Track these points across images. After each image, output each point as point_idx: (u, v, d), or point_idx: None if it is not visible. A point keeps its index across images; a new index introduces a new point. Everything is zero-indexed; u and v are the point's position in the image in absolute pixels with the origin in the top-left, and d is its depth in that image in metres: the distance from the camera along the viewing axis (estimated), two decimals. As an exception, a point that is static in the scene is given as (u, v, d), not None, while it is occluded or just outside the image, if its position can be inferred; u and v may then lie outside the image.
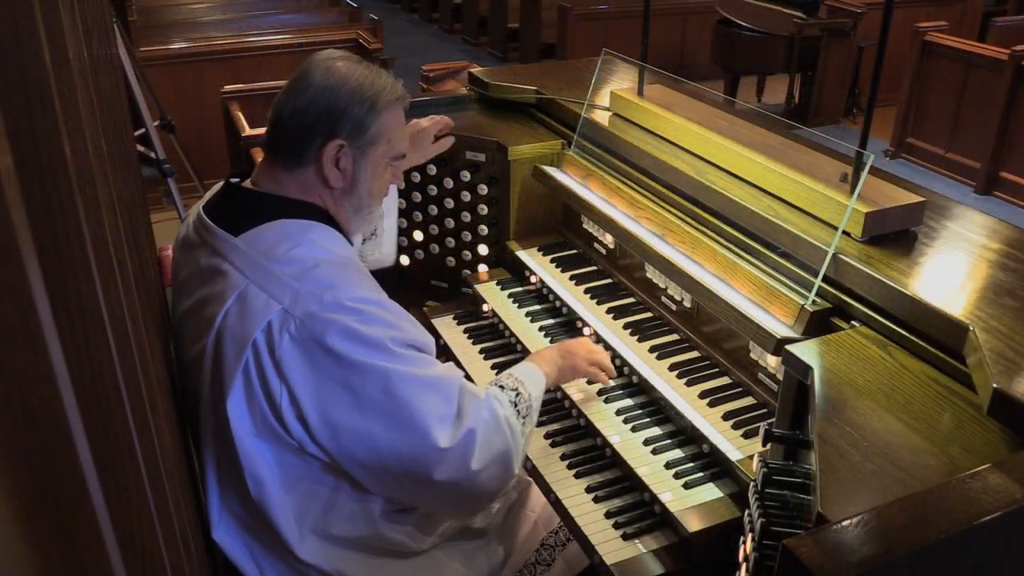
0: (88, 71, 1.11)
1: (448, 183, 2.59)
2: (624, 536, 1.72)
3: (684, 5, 8.31)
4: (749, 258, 1.92)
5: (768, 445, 1.49)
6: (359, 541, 1.67)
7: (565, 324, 2.32)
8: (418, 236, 2.71)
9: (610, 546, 1.70)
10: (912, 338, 1.56)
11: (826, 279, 1.74)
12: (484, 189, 2.55)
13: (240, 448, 1.52)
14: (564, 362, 1.96)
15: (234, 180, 1.72)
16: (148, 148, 4.04)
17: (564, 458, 1.93)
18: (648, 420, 1.96)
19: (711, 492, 1.75)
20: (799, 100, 7.41)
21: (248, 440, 1.53)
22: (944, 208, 1.95)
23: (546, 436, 2.00)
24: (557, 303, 2.35)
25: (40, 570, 0.44)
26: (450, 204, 2.61)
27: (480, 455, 1.60)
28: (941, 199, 1.99)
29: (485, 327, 2.43)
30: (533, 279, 2.46)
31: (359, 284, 1.56)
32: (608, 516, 1.77)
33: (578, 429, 2.02)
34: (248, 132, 4.05)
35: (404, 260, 2.76)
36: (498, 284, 2.51)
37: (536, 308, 2.39)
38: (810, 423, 1.38)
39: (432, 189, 2.63)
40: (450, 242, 2.66)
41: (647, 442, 1.88)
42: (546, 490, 1.87)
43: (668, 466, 1.81)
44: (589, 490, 1.84)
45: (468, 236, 2.63)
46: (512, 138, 2.53)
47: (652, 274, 2.24)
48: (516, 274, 2.55)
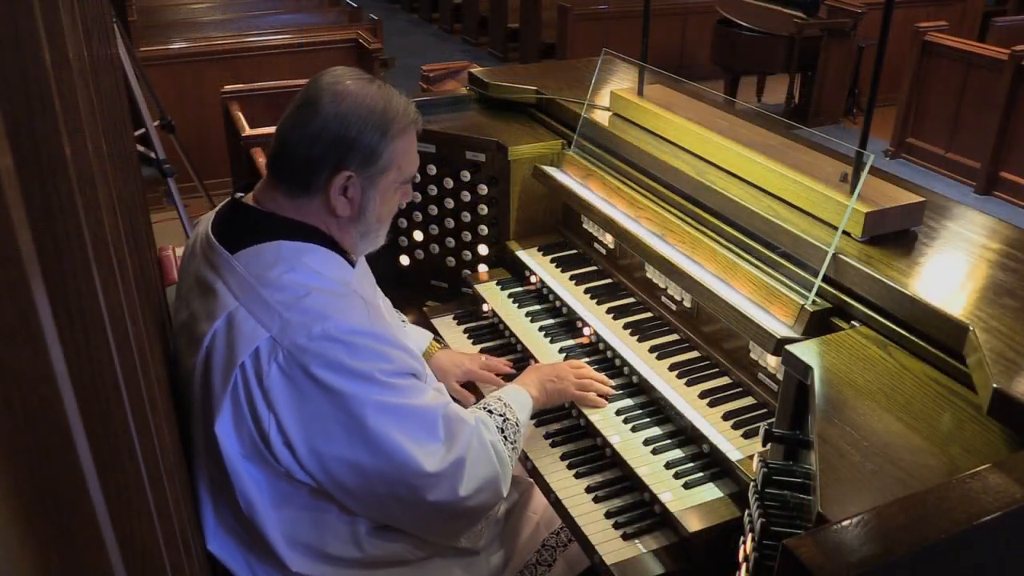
0: (88, 71, 1.11)
1: (448, 183, 2.59)
2: (624, 536, 1.72)
3: (684, 5, 8.31)
4: (749, 258, 1.92)
5: (768, 445, 1.49)
6: (352, 559, 1.67)
7: (565, 324, 2.32)
8: (418, 236, 2.71)
9: (610, 546, 1.70)
10: (912, 338, 1.56)
11: (826, 279, 1.74)
12: (484, 189, 2.55)
13: (230, 469, 1.52)
14: (552, 386, 1.95)
15: (239, 195, 1.68)
16: (148, 148, 4.03)
17: (564, 458, 1.93)
18: (648, 420, 1.96)
19: (711, 492, 1.75)
20: (799, 100, 7.41)
21: (238, 461, 1.52)
22: (944, 208, 1.95)
23: (546, 436, 2.00)
24: (557, 303, 2.35)
25: (40, 570, 0.44)
26: (450, 204, 2.61)
27: (468, 482, 1.60)
28: (941, 199, 1.99)
29: (485, 327, 2.43)
30: (533, 279, 2.46)
31: (350, 313, 1.51)
32: (608, 516, 1.77)
33: (578, 429, 2.02)
34: (248, 132, 4.05)
35: (404, 260, 2.76)
36: (498, 284, 2.51)
37: (536, 308, 2.39)
38: (810, 423, 1.38)
39: (432, 189, 2.62)
40: (450, 242, 2.65)
41: (647, 442, 1.88)
42: (546, 490, 1.87)
43: (668, 466, 1.81)
44: (589, 490, 1.84)
45: (468, 236, 2.63)
46: (512, 138, 2.53)
47: (652, 274, 2.24)
48: (516, 274, 2.55)
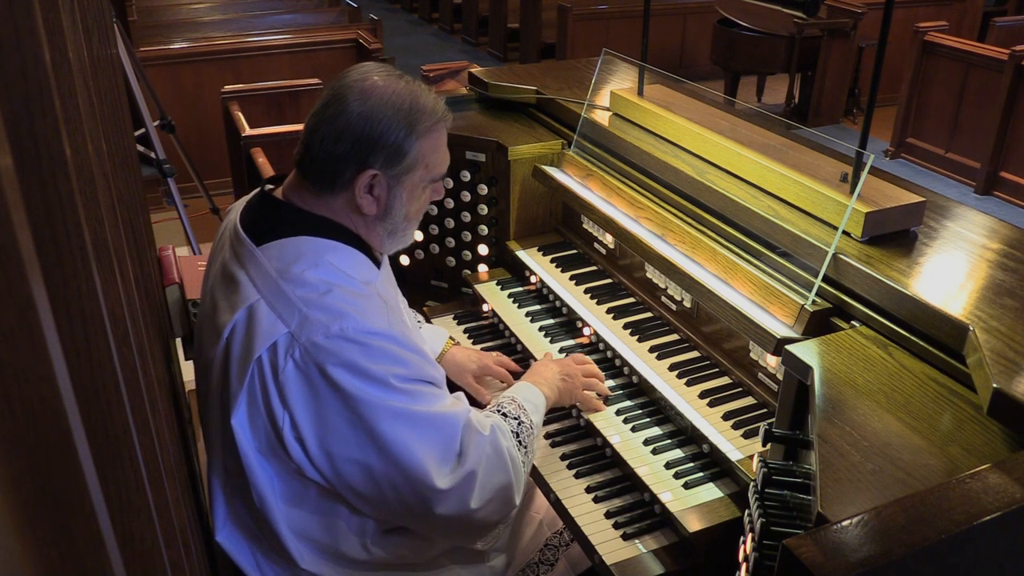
0: (88, 71, 1.11)
1: (448, 183, 2.59)
2: (624, 536, 1.72)
3: (684, 5, 8.31)
4: (749, 258, 1.92)
5: (768, 445, 1.49)
6: (358, 560, 1.67)
7: (565, 324, 2.32)
8: (418, 236, 2.70)
9: (610, 546, 1.70)
10: (912, 338, 1.56)
11: (826, 279, 1.74)
12: (484, 189, 2.55)
13: (245, 462, 1.52)
14: (564, 385, 1.94)
15: (268, 187, 1.68)
16: (148, 148, 4.04)
17: (564, 458, 1.93)
18: (648, 420, 1.96)
19: (711, 492, 1.74)
20: (799, 100, 7.41)
21: (252, 456, 1.52)
22: (944, 208, 1.95)
23: (546, 436, 2.00)
24: (557, 303, 2.35)
25: (40, 570, 0.44)
26: (450, 204, 2.61)
27: (480, 494, 1.58)
28: (941, 199, 1.99)
29: (485, 327, 2.43)
30: (533, 279, 2.46)
31: (370, 314, 1.49)
32: (608, 516, 1.77)
33: (578, 429, 2.02)
34: (248, 132, 4.05)
35: (404, 260, 2.76)
36: (498, 284, 2.51)
37: (536, 308, 2.39)
38: (810, 423, 1.38)
39: (432, 189, 2.62)
40: (450, 242, 2.66)
41: (647, 442, 1.88)
42: (546, 490, 1.87)
43: (668, 466, 1.81)
44: (589, 490, 1.84)
45: (468, 236, 2.63)
46: (512, 138, 2.53)
47: (652, 274, 2.24)
48: (516, 274, 2.55)
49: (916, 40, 6.40)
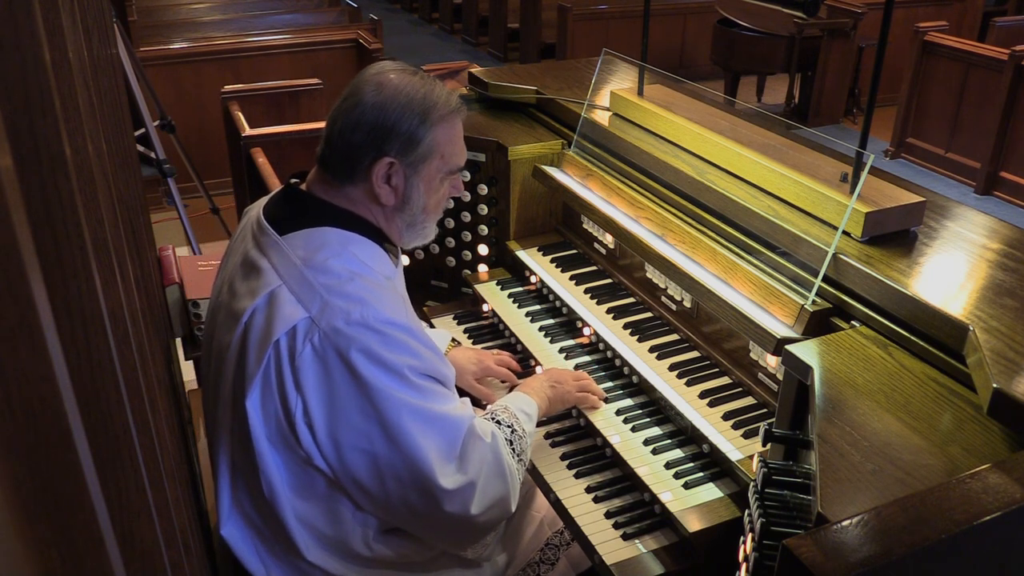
0: (88, 71, 1.11)
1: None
2: (624, 536, 1.72)
3: (684, 5, 8.31)
4: (749, 258, 1.92)
5: (768, 445, 1.49)
6: (361, 556, 1.68)
7: (565, 324, 2.32)
8: (418, 236, 2.71)
9: (610, 546, 1.70)
10: (912, 338, 1.56)
11: (826, 279, 1.74)
12: (484, 189, 2.55)
13: (256, 449, 1.53)
14: (554, 392, 1.94)
15: (294, 181, 1.71)
16: (148, 148, 4.03)
17: (564, 458, 1.93)
18: (648, 420, 1.96)
19: (711, 492, 1.74)
20: (799, 100, 7.41)
21: (262, 442, 1.53)
22: (944, 208, 1.95)
23: (546, 436, 2.00)
24: (557, 303, 2.35)
25: (40, 570, 0.44)
26: (450, 204, 2.61)
27: (480, 501, 1.59)
28: (941, 199, 1.99)
29: (485, 327, 2.43)
30: (533, 279, 2.46)
31: (390, 305, 1.53)
32: (608, 516, 1.77)
33: (578, 429, 2.02)
34: (248, 132, 4.05)
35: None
36: (498, 284, 2.51)
37: (536, 308, 2.39)
38: (810, 423, 1.38)
39: (432, 189, 2.62)
40: (450, 242, 2.66)
41: (647, 442, 1.88)
42: (546, 490, 1.87)
43: (668, 466, 1.81)
44: (589, 490, 1.84)
45: (468, 236, 2.63)
46: (512, 138, 2.53)
47: (652, 274, 2.24)
48: (516, 274, 2.55)
49: (916, 40, 6.40)
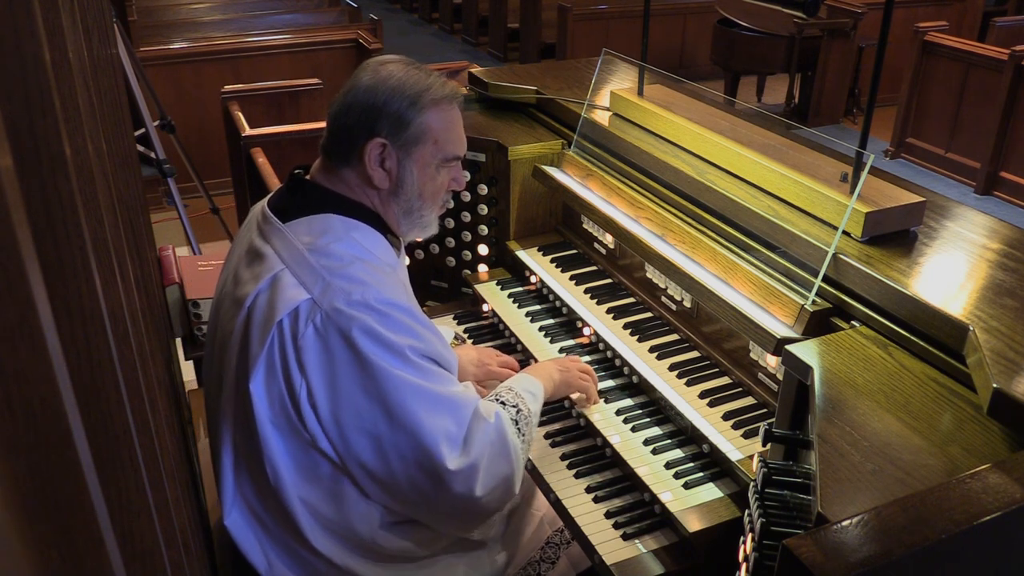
0: (88, 71, 1.11)
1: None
2: (624, 536, 1.72)
3: (684, 5, 8.31)
4: (749, 258, 1.92)
5: (768, 445, 1.49)
6: (366, 543, 1.67)
7: (565, 324, 2.32)
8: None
9: (610, 546, 1.70)
10: (912, 338, 1.56)
11: (826, 279, 1.74)
12: (484, 189, 2.55)
13: (260, 433, 1.54)
14: (560, 376, 1.95)
15: (298, 171, 1.74)
16: (148, 148, 4.03)
17: (564, 458, 1.93)
18: (648, 420, 1.96)
19: (711, 492, 1.74)
20: (799, 100, 7.41)
21: (267, 426, 1.54)
22: (944, 208, 1.95)
23: (546, 436, 2.00)
24: (557, 303, 2.35)
25: (40, 570, 0.44)
26: (450, 204, 2.60)
27: (484, 482, 1.60)
28: (941, 199, 1.99)
29: (485, 327, 2.43)
30: (533, 279, 2.46)
31: (391, 288, 1.55)
32: (608, 516, 1.77)
33: (578, 429, 2.02)
34: (248, 132, 4.05)
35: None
36: (498, 284, 2.51)
37: (536, 308, 2.39)
38: (810, 423, 1.38)
39: (432, 189, 2.62)
40: (450, 242, 2.66)
41: (647, 442, 1.88)
42: (546, 490, 1.87)
43: (668, 466, 1.81)
44: (589, 490, 1.84)
45: (468, 236, 2.63)
46: (512, 138, 2.53)
47: (652, 274, 2.24)
48: (516, 274, 2.55)
49: (916, 40, 6.40)
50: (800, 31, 6.87)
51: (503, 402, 1.76)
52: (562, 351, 2.20)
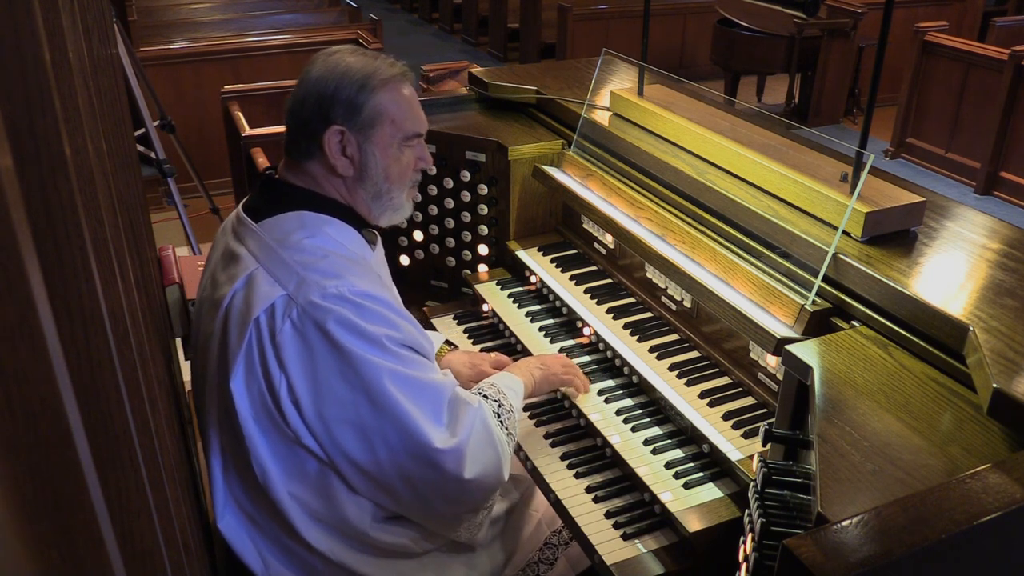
0: (88, 71, 1.11)
1: (448, 183, 2.59)
2: (624, 536, 1.72)
3: (684, 5, 8.31)
4: (749, 258, 1.92)
5: (768, 445, 1.49)
6: (360, 536, 1.67)
7: (565, 324, 2.32)
8: (418, 236, 2.71)
9: (610, 546, 1.70)
10: (912, 338, 1.56)
11: (826, 279, 1.74)
12: (484, 189, 2.55)
13: (244, 432, 1.54)
14: (541, 372, 1.96)
15: (268, 171, 1.75)
16: (148, 148, 4.03)
17: (564, 458, 1.93)
18: (648, 420, 1.96)
19: (711, 492, 1.74)
20: (799, 100, 7.41)
21: (251, 424, 1.55)
22: (944, 208, 1.95)
23: (546, 436, 2.00)
24: (557, 303, 2.35)
25: (40, 570, 0.44)
26: (450, 204, 2.61)
27: (472, 464, 1.60)
28: (941, 199, 1.99)
29: (485, 327, 2.43)
30: (533, 279, 2.46)
31: (365, 279, 1.57)
32: (608, 516, 1.77)
33: (578, 429, 2.02)
34: (248, 132, 4.05)
35: (404, 260, 2.76)
36: (498, 284, 2.51)
37: (536, 308, 2.39)
38: (810, 423, 1.38)
39: (432, 189, 2.63)
40: (450, 242, 2.66)
41: (647, 442, 1.88)
42: (546, 490, 1.87)
43: (668, 466, 1.81)
44: (589, 490, 1.84)
45: (468, 236, 2.63)
46: (512, 138, 2.53)
47: (652, 274, 2.24)
48: (516, 274, 2.55)
49: (916, 40, 6.39)
50: (800, 31, 6.87)
51: (485, 396, 1.78)
52: (562, 351, 2.20)
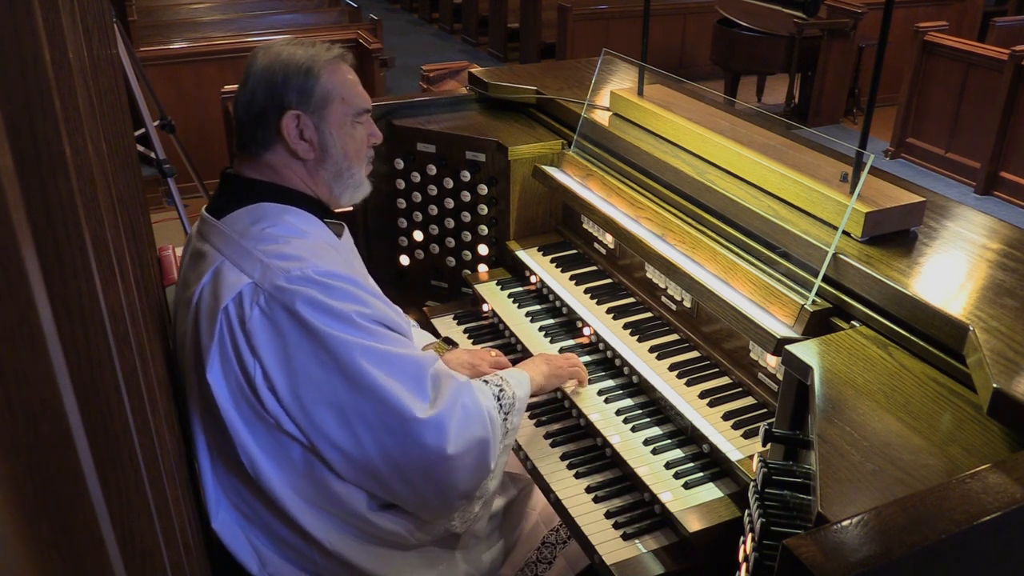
0: (88, 71, 1.11)
1: (448, 183, 2.59)
2: (624, 536, 1.72)
3: (684, 5, 8.31)
4: (749, 258, 1.92)
5: (768, 445, 1.49)
6: (356, 520, 1.66)
7: (565, 324, 2.32)
8: (418, 236, 2.71)
9: (610, 546, 1.70)
10: (912, 338, 1.56)
11: (826, 279, 1.74)
12: (484, 189, 2.55)
13: (228, 424, 1.55)
14: (548, 368, 1.96)
15: (228, 170, 1.76)
16: (148, 148, 4.03)
17: (564, 458, 1.93)
18: (648, 420, 1.96)
19: (711, 492, 1.75)
20: (799, 100, 7.41)
21: (232, 415, 1.55)
22: (944, 208, 1.95)
23: (546, 436, 2.00)
24: (557, 303, 2.35)
25: (40, 570, 0.44)
26: (450, 204, 2.61)
27: (455, 439, 1.59)
28: (941, 199, 1.99)
29: (485, 327, 2.43)
30: (533, 279, 2.46)
31: (330, 260, 1.58)
32: (608, 516, 1.77)
33: (578, 429, 2.02)
34: (248, 132, 4.04)
35: (404, 260, 2.76)
36: (498, 284, 2.51)
37: (536, 308, 2.39)
38: (810, 423, 1.38)
39: (432, 189, 2.63)
40: (450, 242, 2.66)
41: (647, 442, 1.88)
42: (546, 490, 1.87)
43: (668, 466, 1.81)
44: (589, 490, 1.84)
45: (468, 236, 2.63)
46: (512, 138, 2.53)
47: (652, 274, 2.24)
48: (516, 274, 2.55)
49: (916, 40, 6.39)
50: (800, 31, 6.87)
51: (485, 381, 1.78)
52: (562, 351, 2.20)
